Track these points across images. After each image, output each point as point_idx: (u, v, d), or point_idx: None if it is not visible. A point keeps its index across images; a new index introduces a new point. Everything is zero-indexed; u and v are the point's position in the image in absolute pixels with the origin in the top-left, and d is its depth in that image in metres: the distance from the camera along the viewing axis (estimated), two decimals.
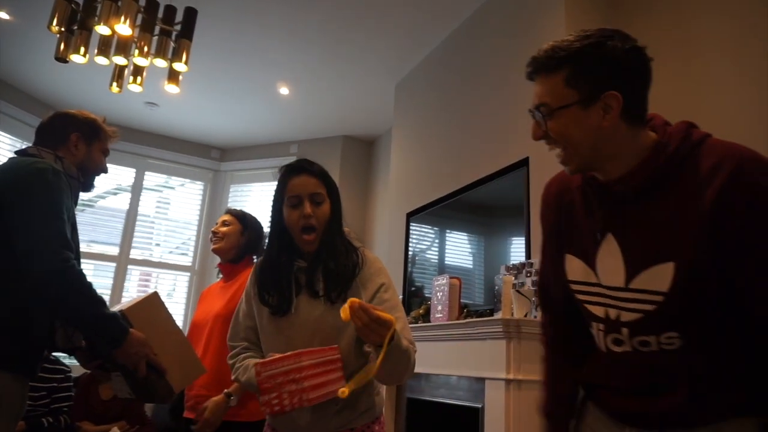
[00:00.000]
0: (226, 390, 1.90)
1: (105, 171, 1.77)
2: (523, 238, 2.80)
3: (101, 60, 2.86)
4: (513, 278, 2.63)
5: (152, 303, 1.72)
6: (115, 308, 1.60)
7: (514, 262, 2.78)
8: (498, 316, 2.53)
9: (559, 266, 1.10)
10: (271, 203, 1.48)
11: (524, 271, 2.66)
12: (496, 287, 2.64)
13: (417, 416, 3.24)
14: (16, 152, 1.63)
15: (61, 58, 2.81)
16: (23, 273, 1.38)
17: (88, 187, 1.74)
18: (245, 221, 2.25)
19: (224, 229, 2.21)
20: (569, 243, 1.08)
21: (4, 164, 1.56)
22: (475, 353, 2.63)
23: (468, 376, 2.70)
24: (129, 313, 1.61)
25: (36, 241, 1.38)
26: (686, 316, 0.93)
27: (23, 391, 1.47)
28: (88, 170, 1.71)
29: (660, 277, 0.92)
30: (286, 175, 1.45)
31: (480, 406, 2.56)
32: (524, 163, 2.88)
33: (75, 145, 1.67)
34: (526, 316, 2.51)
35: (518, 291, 2.54)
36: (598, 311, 1.03)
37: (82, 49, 2.79)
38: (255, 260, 2.22)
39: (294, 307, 1.38)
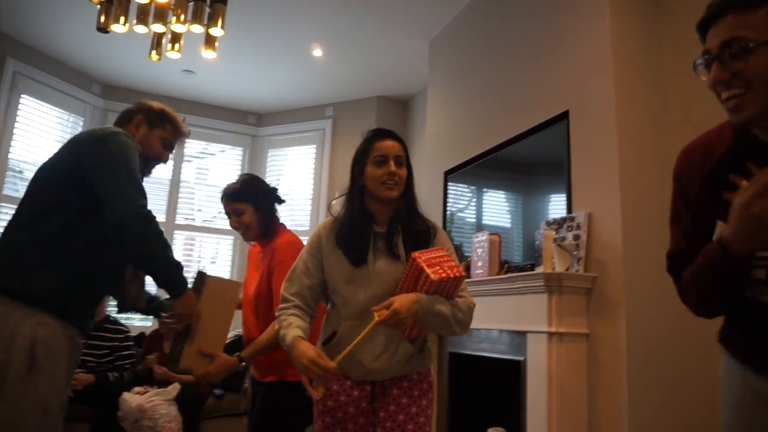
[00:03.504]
0: (238, 353, 1.94)
1: (163, 161, 1.86)
2: (564, 194, 2.77)
3: (140, 28, 2.91)
4: (554, 233, 2.62)
5: (232, 288, 1.89)
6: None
7: (555, 217, 2.76)
8: (539, 270, 2.54)
9: (708, 233, 1.05)
10: (353, 163, 1.61)
11: (565, 226, 2.65)
12: (537, 242, 2.64)
13: (459, 370, 3.31)
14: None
15: (103, 29, 2.88)
16: (100, 226, 1.53)
17: (145, 171, 1.81)
18: (253, 196, 2.11)
19: (242, 219, 2.10)
20: (720, 210, 1.00)
21: (76, 135, 1.72)
22: (516, 308, 2.66)
23: (509, 329, 2.74)
24: (209, 279, 1.79)
25: (116, 188, 1.52)
26: None
27: (75, 342, 1.57)
28: (146, 154, 1.79)
29: None
30: (374, 138, 1.60)
31: (522, 359, 2.60)
32: (564, 116, 2.83)
33: (136, 126, 1.80)
34: (567, 270, 2.51)
35: (559, 245, 2.53)
36: (759, 274, 0.99)
37: (122, 19, 2.85)
38: (279, 218, 2.20)
39: (372, 268, 1.51)
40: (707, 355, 2.39)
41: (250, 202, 2.10)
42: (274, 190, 2.20)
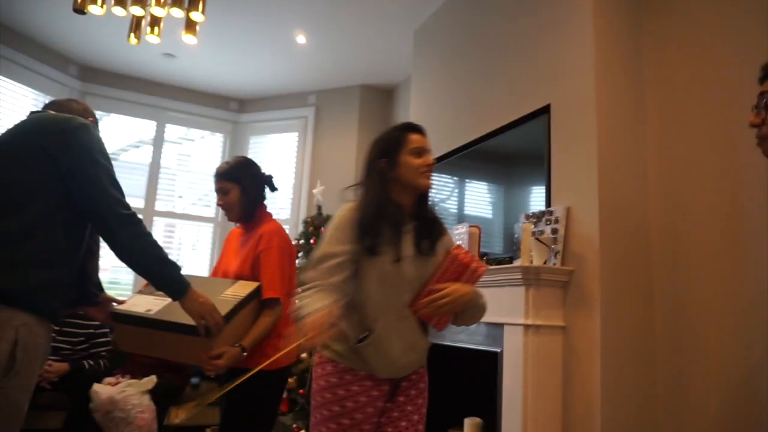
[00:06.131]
0: (240, 344, 1.90)
1: None
2: (543, 187, 2.79)
3: (118, 11, 2.85)
4: (532, 226, 2.64)
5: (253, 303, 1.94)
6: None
7: (534, 211, 2.78)
8: (517, 263, 2.56)
9: None
10: (378, 152, 1.62)
11: (544, 219, 2.67)
12: (516, 235, 2.66)
13: (437, 361, 3.33)
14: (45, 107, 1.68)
15: (79, 10, 2.81)
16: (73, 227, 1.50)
17: None
18: (241, 178, 2.14)
19: (227, 198, 2.14)
20: None
21: (40, 120, 1.58)
22: (494, 300, 2.66)
23: (487, 321, 2.75)
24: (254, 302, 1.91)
25: (97, 190, 1.49)
26: None
27: (47, 334, 1.51)
28: None
29: None
30: (405, 129, 1.64)
31: (499, 350, 2.63)
32: (546, 110, 2.84)
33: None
34: (545, 263, 2.54)
35: (537, 239, 2.55)
36: None
37: (100, 0, 2.78)
38: (266, 206, 2.21)
39: (406, 264, 1.53)
40: (678, 349, 2.44)
41: (237, 183, 2.13)
42: (268, 177, 2.23)
